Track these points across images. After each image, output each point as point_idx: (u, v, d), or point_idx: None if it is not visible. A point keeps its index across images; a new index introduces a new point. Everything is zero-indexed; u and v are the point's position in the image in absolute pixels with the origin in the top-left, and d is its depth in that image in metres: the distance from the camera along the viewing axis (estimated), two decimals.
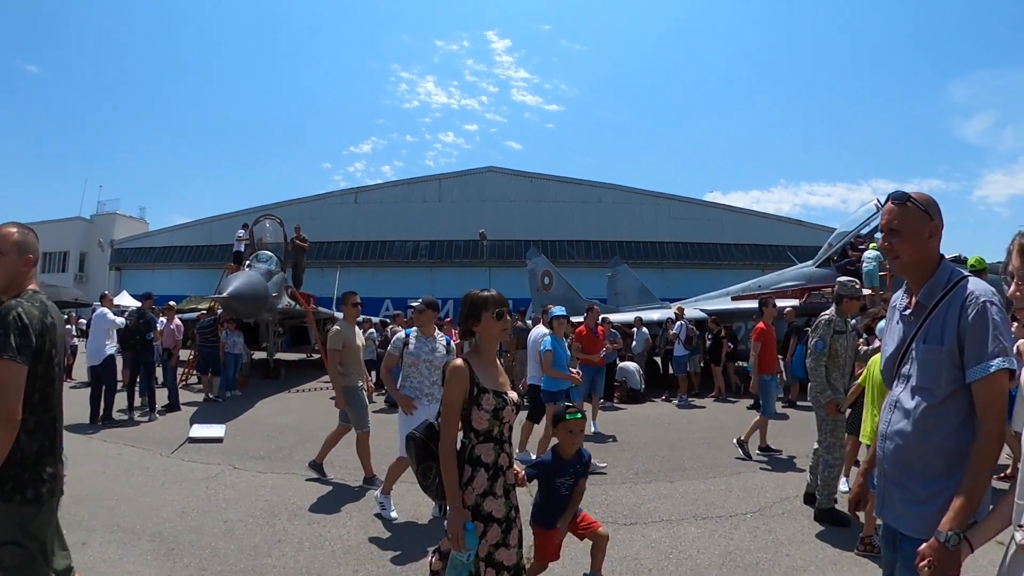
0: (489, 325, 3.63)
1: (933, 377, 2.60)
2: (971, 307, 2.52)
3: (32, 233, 3.27)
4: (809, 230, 51.11)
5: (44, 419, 3.11)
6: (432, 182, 56.27)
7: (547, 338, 9.33)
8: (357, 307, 8.63)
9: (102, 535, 5.96)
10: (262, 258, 16.98)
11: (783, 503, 7.25)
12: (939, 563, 2.31)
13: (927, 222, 2.72)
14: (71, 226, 65.47)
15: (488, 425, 3.47)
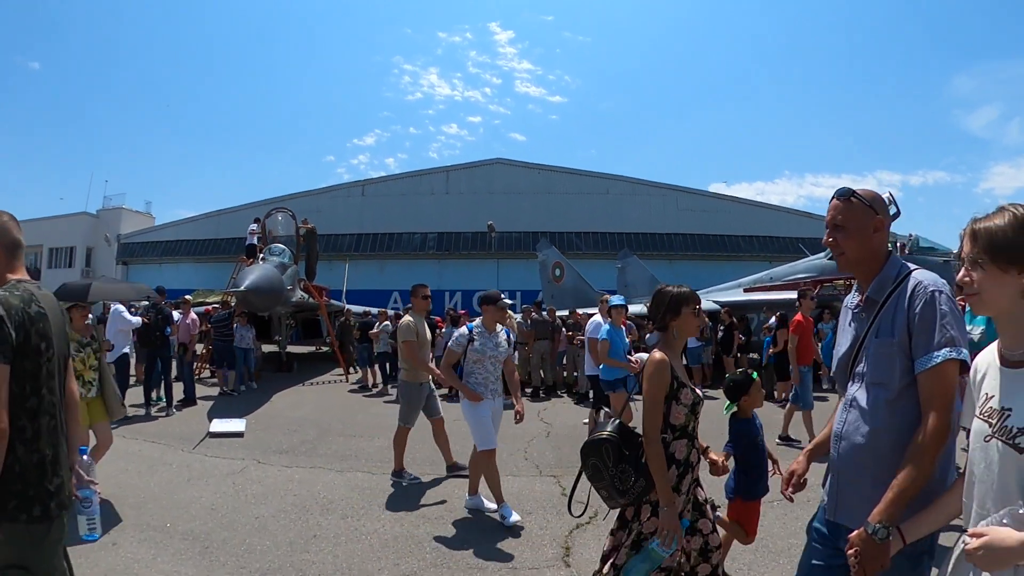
0: (688, 320, 3.68)
1: (886, 370, 2.57)
2: (919, 297, 2.51)
3: (11, 219, 2.93)
4: (817, 222, 50.85)
5: (42, 425, 2.72)
6: (440, 174, 56.11)
7: (604, 327, 9.32)
8: (427, 299, 8.52)
9: (132, 535, 5.92)
10: (275, 251, 17.01)
11: (809, 491, 7.25)
12: (865, 554, 2.30)
13: (871, 217, 2.71)
14: (77, 221, 65.49)
15: (685, 420, 3.55)
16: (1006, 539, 1.74)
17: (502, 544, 5.75)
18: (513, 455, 9.15)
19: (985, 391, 2.08)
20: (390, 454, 8.98)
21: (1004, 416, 1.94)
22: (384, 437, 10.27)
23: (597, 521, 6.34)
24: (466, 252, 52.21)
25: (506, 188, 53.59)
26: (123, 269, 61.95)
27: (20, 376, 2.64)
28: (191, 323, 14.79)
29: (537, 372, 16.04)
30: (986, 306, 2.06)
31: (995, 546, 1.75)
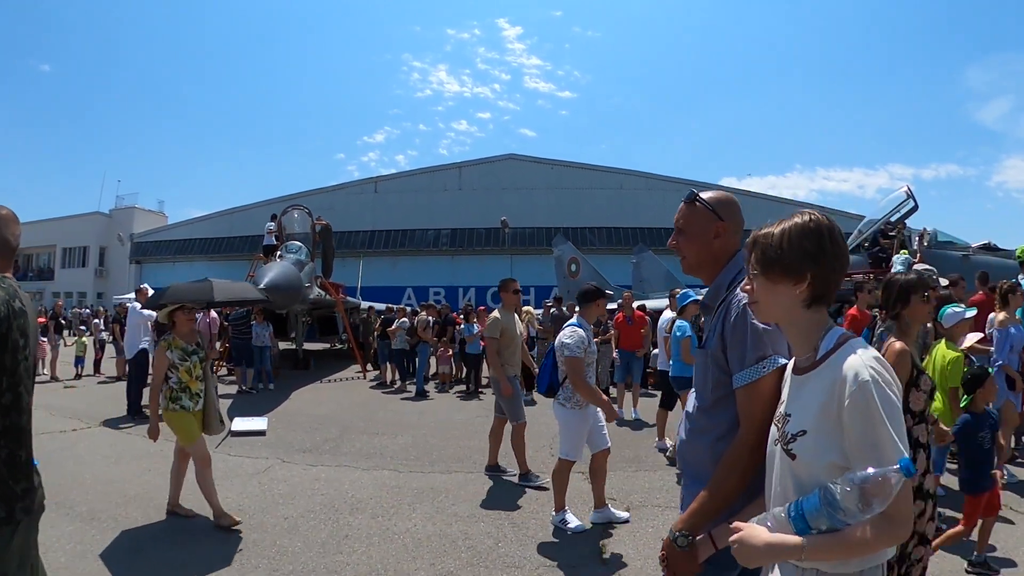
0: (917, 308, 3.78)
1: (701, 379, 2.59)
2: (734, 309, 2.43)
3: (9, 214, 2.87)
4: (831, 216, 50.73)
5: (14, 422, 2.62)
6: (452, 170, 56.12)
7: (682, 323, 9.03)
8: (518, 294, 8.41)
9: (160, 537, 5.90)
10: (292, 248, 17.03)
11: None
12: (671, 560, 2.35)
13: (713, 222, 2.69)
14: (90, 221, 66.07)
15: (923, 405, 3.56)
16: (754, 538, 1.82)
17: (537, 542, 5.72)
18: (539, 452, 9.10)
19: (782, 397, 2.08)
20: (414, 452, 8.99)
21: (785, 422, 1.95)
22: (406, 435, 10.31)
23: (631, 517, 6.35)
24: (479, 248, 52.23)
25: (519, 184, 53.57)
26: (136, 268, 62.40)
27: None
28: (211, 322, 14.77)
29: None
30: (764, 314, 2.09)
31: (745, 543, 1.84)
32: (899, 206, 17.52)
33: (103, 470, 8.20)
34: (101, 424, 11.22)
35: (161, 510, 6.63)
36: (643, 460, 8.59)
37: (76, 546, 5.58)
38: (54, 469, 8.06)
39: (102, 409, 12.37)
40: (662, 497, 6.97)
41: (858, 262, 18.08)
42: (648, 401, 13.38)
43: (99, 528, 6.05)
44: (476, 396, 15.16)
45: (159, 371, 6.32)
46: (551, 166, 54.59)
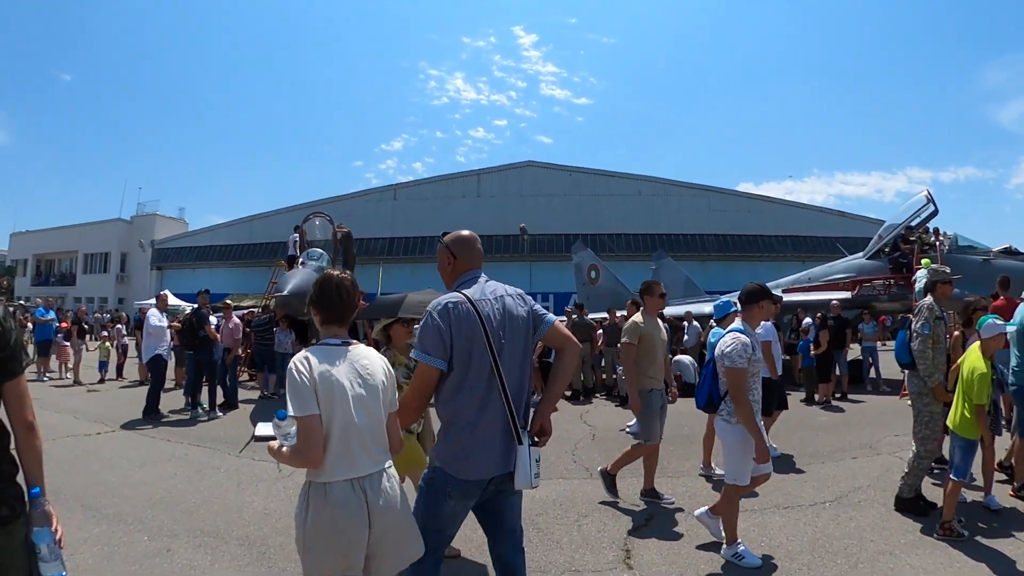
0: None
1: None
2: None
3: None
4: (852, 221, 50.56)
5: None
6: (471, 177, 56.35)
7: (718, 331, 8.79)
8: (663, 298, 7.65)
9: (186, 541, 5.90)
10: (313, 255, 17.05)
11: (857, 492, 7.27)
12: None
13: (447, 255, 3.86)
14: (112, 227, 67.01)
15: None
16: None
17: (561, 547, 5.71)
18: (561, 458, 9.10)
19: None
20: None
21: None
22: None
23: (655, 523, 6.32)
24: (498, 255, 52.28)
25: (537, 190, 53.74)
26: (157, 274, 63.04)
27: None
28: (234, 327, 14.83)
29: (577, 375, 15.95)
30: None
31: None
32: (919, 210, 17.51)
33: (128, 473, 8.25)
34: (125, 428, 11.29)
35: (184, 513, 6.67)
36: (665, 466, 8.54)
37: (103, 548, 5.62)
38: (80, 472, 8.15)
39: (125, 413, 12.45)
40: (685, 503, 6.92)
41: (879, 268, 18.00)
42: None
43: (125, 530, 6.09)
44: None
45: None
46: (569, 173, 54.71)
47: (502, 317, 3.51)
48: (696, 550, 5.60)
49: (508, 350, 3.48)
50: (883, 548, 5.54)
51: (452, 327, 3.36)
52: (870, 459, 8.82)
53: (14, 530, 2.55)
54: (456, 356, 3.38)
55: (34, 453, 2.65)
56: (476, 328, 3.37)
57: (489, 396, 3.40)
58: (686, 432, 10.65)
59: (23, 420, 2.63)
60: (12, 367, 2.62)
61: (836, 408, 13.32)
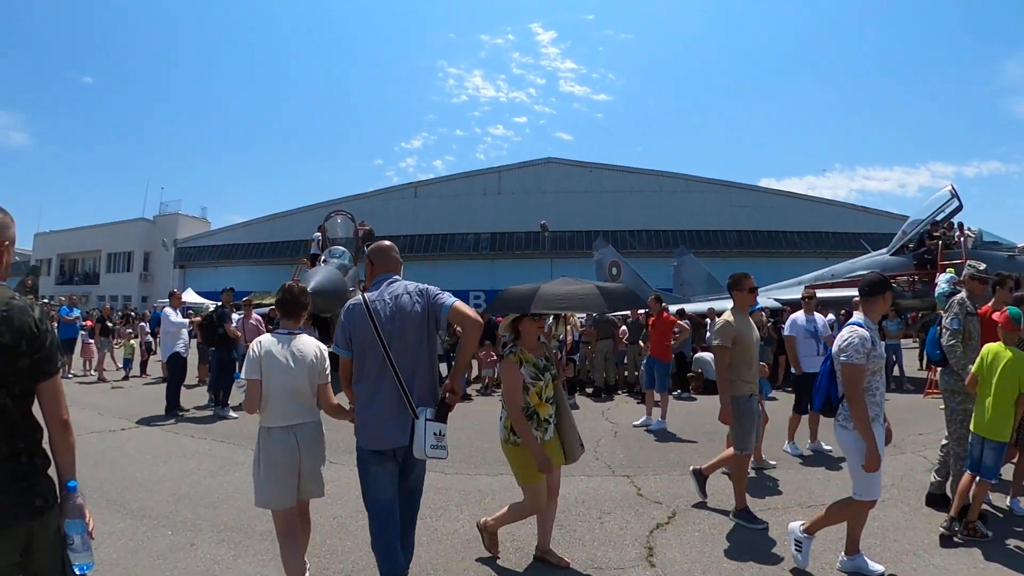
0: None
1: None
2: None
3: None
4: (875, 217, 50.14)
5: None
6: (491, 175, 56.37)
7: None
8: (755, 292, 6.96)
9: (210, 535, 5.94)
10: (335, 253, 17.11)
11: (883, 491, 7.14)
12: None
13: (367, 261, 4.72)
14: (135, 227, 67.78)
15: None
16: None
17: (584, 545, 5.71)
18: (584, 455, 9.07)
19: None
20: (459, 454, 8.96)
21: None
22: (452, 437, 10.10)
23: (677, 521, 6.29)
24: (519, 252, 52.40)
25: (558, 187, 53.70)
26: (180, 273, 63.63)
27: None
28: (256, 323, 14.87)
29: (600, 372, 15.90)
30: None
31: None
32: (943, 205, 17.32)
33: (152, 469, 8.32)
34: (148, 424, 11.41)
35: (208, 507, 6.74)
36: (688, 464, 8.45)
37: (127, 542, 5.67)
38: (105, 467, 8.22)
39: (149, 409, 12.59)
40: (709, 501, 6.88)
41: (903, 264, 17.84)
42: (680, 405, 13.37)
43: (150, 525, 6.15)
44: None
45: (517, 387, 4.92)
46: (590, 169, 54.60)
47: (393, 313, 4.24)
48: (719, 549, 5.55)
49: (400, 341, 4.20)
50: (906, 548, 5.50)
51: (350, 324, 4.27)
52: (894, 458, 8.67)
53: (47, 520, 2.67)
54: (355, 347, 4.26)
55: (68, 449, 2.76)
56: (367, 323, 4.18)
57: (382, 379, 4.19)
58: (708, 429, 10.63)
59: (58, 418, 2.73)
60: (48, 367, 2.71)
61: None
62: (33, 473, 2.68)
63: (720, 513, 6.49)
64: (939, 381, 6.94)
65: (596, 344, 15.91)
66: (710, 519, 6.32)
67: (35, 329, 2.67)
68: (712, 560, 5.28)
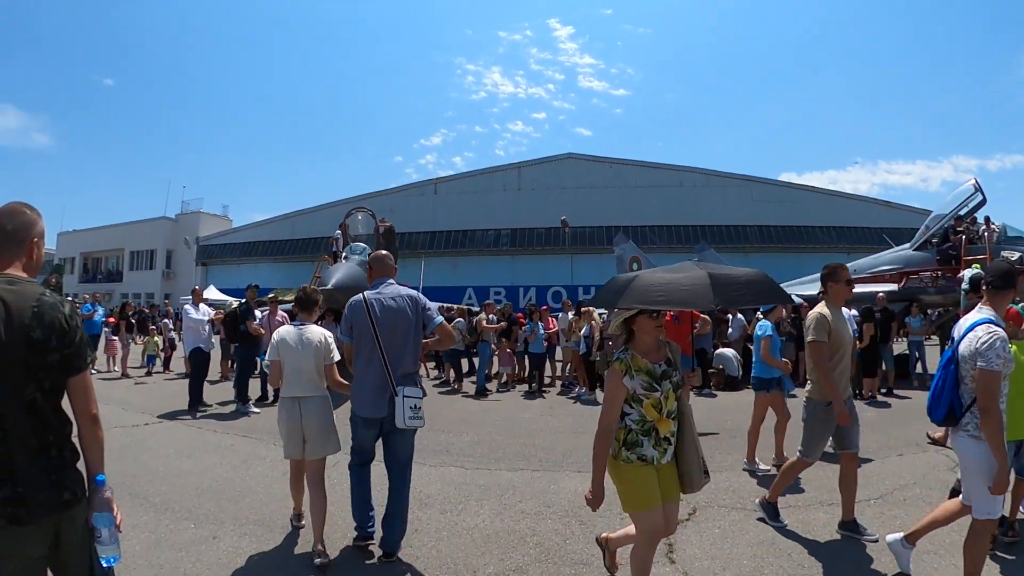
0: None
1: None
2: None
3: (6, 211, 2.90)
4: (898, 211, 49.69)
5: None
6: (511, 170, 56.31)
7: (764, 323, 8.69)
8: (851, 285, 6.41)
9: (232, 528, 6.00)
10: (356, 250, 17.16)
11: (903, 490, 7.12)
12: None
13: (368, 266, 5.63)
14: (158, 225, 68.53)
15: None
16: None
17: None
18: None
19: None
20: (480, 450, 9.06)
21: None
22: (471, 432, 10.37)
23: (698, 518, 6.27)
24: (539, 248, 52.35)
25: (578, 183, 53.58)
26: (202, 270, 64.10)
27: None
28: (282, 319, 14.93)
29: None
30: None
31: None
32: (967, 200, 17.15)
33: (176, 463, 8.40)
34: (171, 419, 11.52)
35: (230, 501, 6.80)
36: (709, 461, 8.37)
37: (150, 535, 5.73)
38: (128, 462, 8.30)
39: (172, 404, 12.73)
40: (728, 498, 6.88)
41: (926, 259, 17.69)
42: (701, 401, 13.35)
43: (173, 518, 6.21)
44: (540, 395, 15.22)
45: (613, 405, 4.14)
46: (610, 164, 54.41)
47: (386, 310, 5.39)
48: (740, 546, 5.54)
49: (389, 332, 5.35)
50: (928, 547, 5.35)
51: (352, 315, 5.47)
52: (916, 456, 8.66)
53: (76, 514, 2.75)
54: (355, 334, 5.45)
55: (97, 443, 2.84)
56: (364, 316, 5.36)
57: (371, 359, 5.35)
58: (729, 426, 10.64)
59: (88, 413, 2.80)
60: (78, 363, 2.77)
61: (882, 403, 13.12)
62: (63, 467, 2.73)
63: (740, 511, 6.46)
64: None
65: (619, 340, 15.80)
66: (730, 516, 6.29)
67: (65, 325, 2.71)
68: (732, 557, 5.27)
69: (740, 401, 13.69)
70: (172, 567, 5.08)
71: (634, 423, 4.16)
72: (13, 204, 2.91)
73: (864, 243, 41.76)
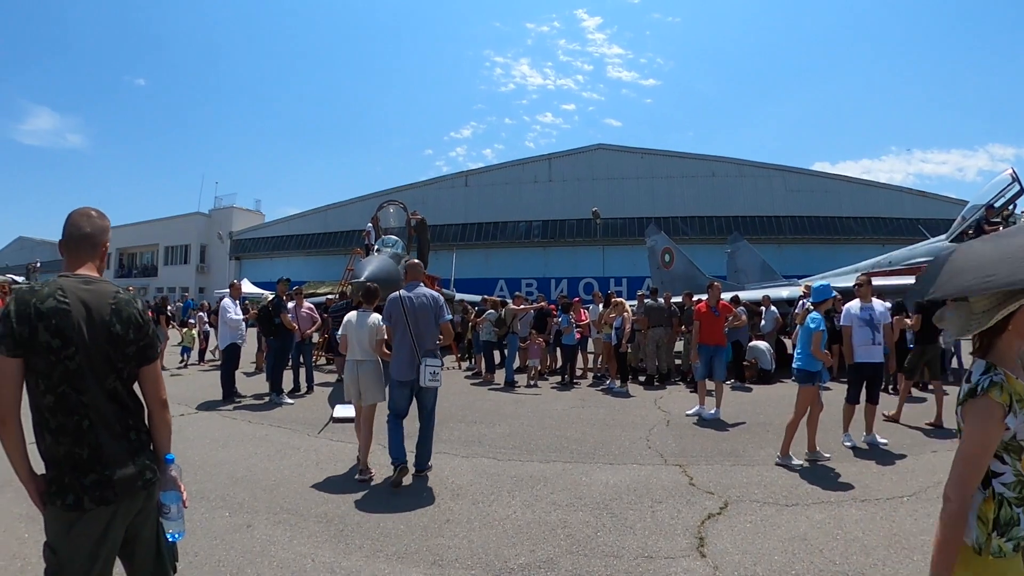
0: None
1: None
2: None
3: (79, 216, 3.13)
4: (934, 201, 48.94)
5: (68, 422, 2.80)
6: (542, 162, 56.17)
7: (816, 316, 8.53)
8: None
9: (266, 517, 6.05)
10: (388, 242, 17.18)
11: (936, 487, 6.97)
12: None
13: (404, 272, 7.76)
14: (191, 221, 69.44)
15: None
16: None
17: (634, 532, 5.67)
18: (635, 443, 9.10)
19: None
20: (512, 441, 9.08)
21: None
22: (504, 424, 10.40)
23: (729, 512, 6.24)
24: (571, 239, 52.23)
25: (609, 174, 53.36)
26: (236, 264, 64.75)
27: (33, 372, 2.76)
28: (308, 311, 15.04)
29: (652, 360, 15.81)
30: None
31: None
32: (1004, 190, 16.80)
33: (211, 453, 8.50)
34: (207, 410, 11.67)
35: (264, 490, 6.86)
36: (740, 454, 8.44)
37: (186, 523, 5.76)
38: None
39: (207, 396, 12.92)
40: (760, 492, 6.83)
41: None
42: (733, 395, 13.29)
43: (208, 507, 6.28)
44: (572, 386, 15.28)
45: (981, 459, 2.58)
46: (641, 155, 54.06)
47: (415, 305, 7.43)
48: (771, 541, 5.49)
49: (416, 320, 7.38)
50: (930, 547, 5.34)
51: (391, 307, 7.51)
52: (950, 453, 8.42)
53: (153, 491, 3.02)
54: (392, 321, 7.48)
55: (165, 426, 3.12)
56: (400, 308, 7.41)
57: (404, 339, 7.40)
58: (762, 420, 10.57)
59: (158, 398, 3.09)
60: (150, 353, 3.08)
61: (917, 399, 12.89)
62: (141, 448, 2.99)
63: (772, 505, 6.42)
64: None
65: (648, 332, 15.80)
66: (762, 511, 6.24)
67: (140, 319, 3.01)
68: (763, 552, 5.22)
69: (773, 395, 13.63)
70: (207, 555, 5.13)
71: (1009, 489, 2.57)
72: (88, 209, 3.17)
73: (899, 234, 41.30)
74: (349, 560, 5.08)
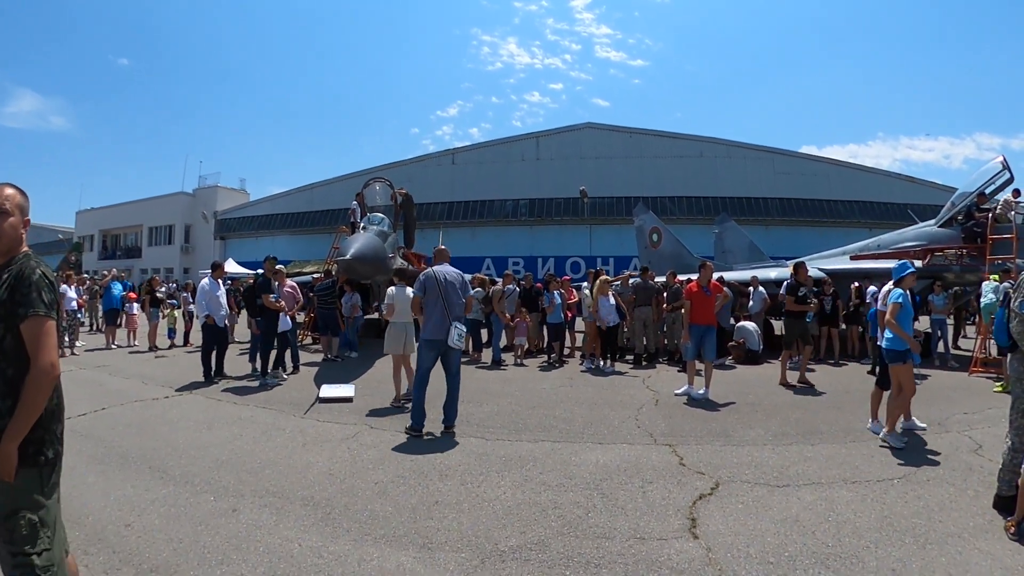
0: None
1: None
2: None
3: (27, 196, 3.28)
4: (922, 187, 49.10)
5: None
6: (529, 140, 55.98)
7: (898, 291, 8.32)
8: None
9: (251, 500, 5.95)
10: (374, 220, 17.06)
11: (926, 470, 6.96)
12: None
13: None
14: (175, 200, 69.29)
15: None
16: None
17: (626, 514, 5.63)
18: (625, 423, 9.07)
19: None
20: (500, 420, 9.07)
21: None
22: (491, 403, 10.39)
23: (720, 492, 6.20)
24: (558, 218, 52.19)
25: (597, 153, 53.25)
26: (220, 244, 64.69)
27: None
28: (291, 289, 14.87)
29: (640, 339, 15.78)
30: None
31: None
32: (993, 178, 16.81)
33: (195, 435, 8.39)
34: (191, 392, 11.56)
35: (249, 473, 6.77)
36: (730, 434, 8.41)
37: (170, 508, 5.70)
38: (148, 434, 8.33)
39: (191, 377, 12.77)
40: (751, 472, 6.79)
41: (951, 236, 17.42)
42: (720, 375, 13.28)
43: (192, 491, 6.19)
44: (559, 365, 15.26)
45: None
46: (629, 135, 53.93)
47: (447, 280, 8.67)
48: (763, 521, 5.45)
49: (446, 292, 8.59)
50: (951, 530, 5.29)
51: (425, 280, 8.68)
52: (939, 436, 8.46)
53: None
54: (426, 291, 8.65)
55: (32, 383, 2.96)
56: (434, 281, 8.62)
57: (436, 305, 8.57)
58: (751, 399, 10.54)
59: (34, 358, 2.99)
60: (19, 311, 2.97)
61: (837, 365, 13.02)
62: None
63: (763, 486, 6.38)
64: (1008, 368, 6.38)
65: (635, 311, 15.74)
66: (753, 492, 6.20)
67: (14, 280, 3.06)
68: (756, 534, 5.17)
69: (761, 375, 13.64)
70: (191, 540, 5.03)
71: None
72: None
73: (886, 218, 41.34)
74: (336, 544, 4.99)
